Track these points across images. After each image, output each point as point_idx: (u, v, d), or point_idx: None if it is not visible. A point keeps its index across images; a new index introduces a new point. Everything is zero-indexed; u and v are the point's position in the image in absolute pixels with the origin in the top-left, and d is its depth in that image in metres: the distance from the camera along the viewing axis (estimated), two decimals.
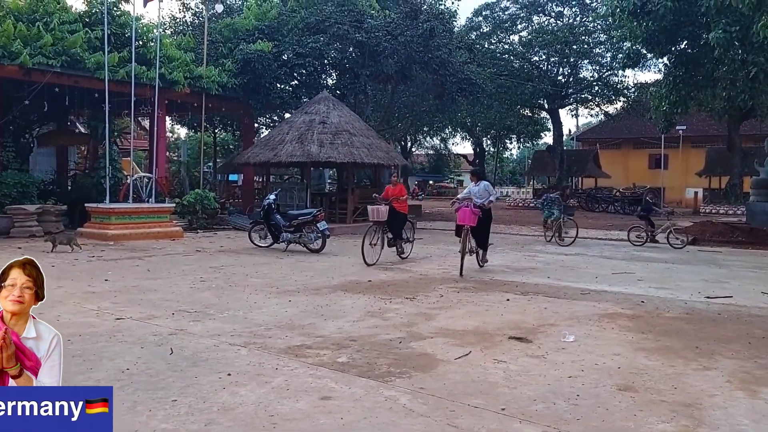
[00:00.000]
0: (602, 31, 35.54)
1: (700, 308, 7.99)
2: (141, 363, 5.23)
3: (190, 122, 30.01)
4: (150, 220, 15.88)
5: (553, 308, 7.78)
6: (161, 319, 6.88)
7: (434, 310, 7.61)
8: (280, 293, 8.55)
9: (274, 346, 5.83)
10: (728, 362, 5.53)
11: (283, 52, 22.54)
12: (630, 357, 5.64)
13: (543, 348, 5.90)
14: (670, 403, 4.46)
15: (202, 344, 5.85)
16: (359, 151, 19.29)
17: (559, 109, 41.63)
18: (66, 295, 8.17)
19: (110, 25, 17.23)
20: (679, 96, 19.20)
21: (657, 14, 16.65)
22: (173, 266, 11.10)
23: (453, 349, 5.79)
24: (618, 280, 10.20)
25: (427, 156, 69.16)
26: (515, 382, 4.90)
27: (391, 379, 4.90)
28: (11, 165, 16.97)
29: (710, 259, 13.60)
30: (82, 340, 5.94)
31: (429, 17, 23.19)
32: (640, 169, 45.13)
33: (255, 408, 4.25)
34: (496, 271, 11.01)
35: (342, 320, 6.95)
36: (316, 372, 5.05)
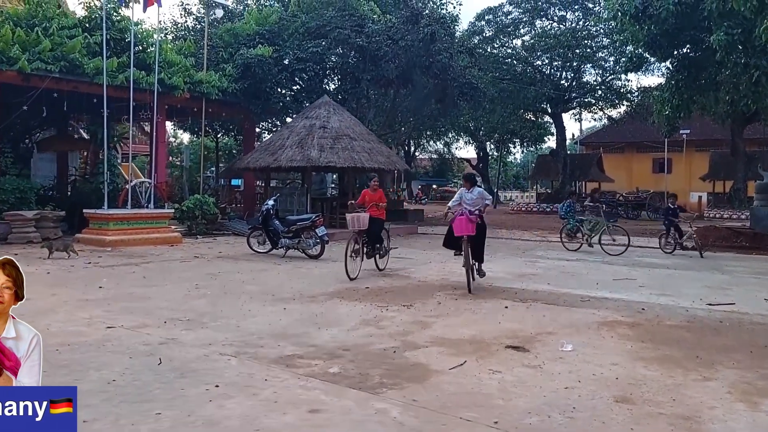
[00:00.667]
0: (605, 35, 35.42)
1: (702, 316, 7.85)
2: (128, 374, 5.12)
3: (191, 127, 29.99)
4: (148, 226, 15.79)
5: (551, 316, 7.65)
6: (153, 327, 6.77)
7: (431, 318, 7.49)
8: (275, 301, 8.44)
9: (265, 356, 5.72)
10: (729, 372, 5.40)
11: (283, 56, 22.48)
12: (629, 367, 5.51)
13: (540, 357, 5.78)
14: (668, 416, 4.34)
15: (192, 354, 5.74)
16: (360, 156, 19.20)
17: (562, 113, 41.57)
18: (58, 302, 8.08)
19: (110, 30, 17.20)
20: (681, 100, 19.10)
21: (659, 18, 16.57)
22: (169, 273, 11.00)
23: (448, 359, 5.67)
24: (619, 287, 10.06)
25: (431, 160, 69.12)
26: (510, 393, 4.78)
27: (383, 391, 4.79)
28: (9, 170, 16.91)
29: (713, 264, 13.45)
30: (71, 350, 5.84)
31: (430, 22, 23.09)
32: (644, 173, 44.97)
33: (241, 422, 4.14)
34: (495, 278, 10.86)
35: (336, 329, 6.83)
36: (306, 383, 4.94)
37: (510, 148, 54.30)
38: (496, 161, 59.20)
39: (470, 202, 9.92)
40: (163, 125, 21.11)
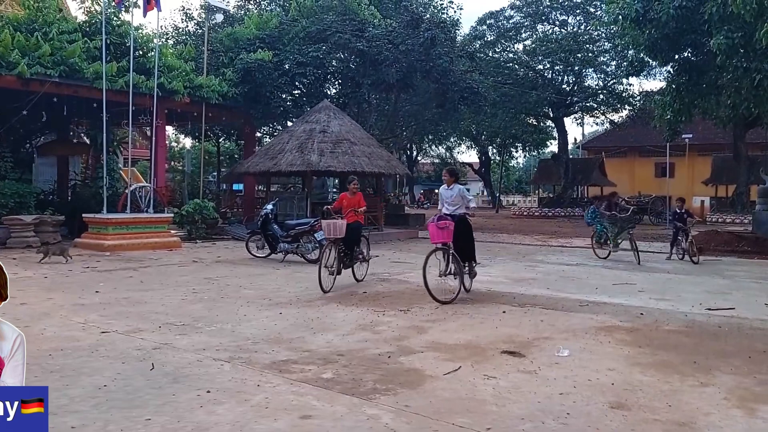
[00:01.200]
0: (606, 39, 35.41)
1: (701, 321, 7.79)
2: (120, 379, 5.08)
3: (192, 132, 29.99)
4: (147, 231, 15.77)
5: (549, 320, 7.60)
6: (147, 332, 6.73)
7: (427, 322, 7.44)
8: (272, 305, 8.40)
9: (258, 361, 5.68)
10: (727, 378, 5.34)
11: (284, 61, 22.46)
12: (625, 372, 5.46)
13: (536, 363, 5.72)
14: (663, 422, 4.28)
15: (185, 359, 5.70)
16: (360, 160, 19.17)
17: (564, 118, 41.52)
18: (54, 307, 8.06)
19: (110, 35, 17.22)
20: (682, 104, 19.02)
21: (659, 22, 16.51)
22: (167, 277, 10.97)
23: (443, 364, 5.62)
24: (618, 291, 10.00)
25: (433, 165, 69.12)
26: (504, 399, 4.73)
27: (375, 397, 4.74)
28: (9, 175, 16.90)
29: (714, 269, 13.37)
30: (64, 354, 5.80)
31: (430, 26, 23.08)
32: (646, 178, 44.80)
33: (230, 428, 4.09)
34: (494, 282, 10.81)
35: (332, 334, 6.79)
36: (299, 389, 4.90)
37: (512, 153, 54.20)
38: (498, 166, 59.17)
39: (449, 201, 9.20)
40: (163, 130, 21.13)
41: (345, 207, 10.45)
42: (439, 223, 8.66)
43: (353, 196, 10.62)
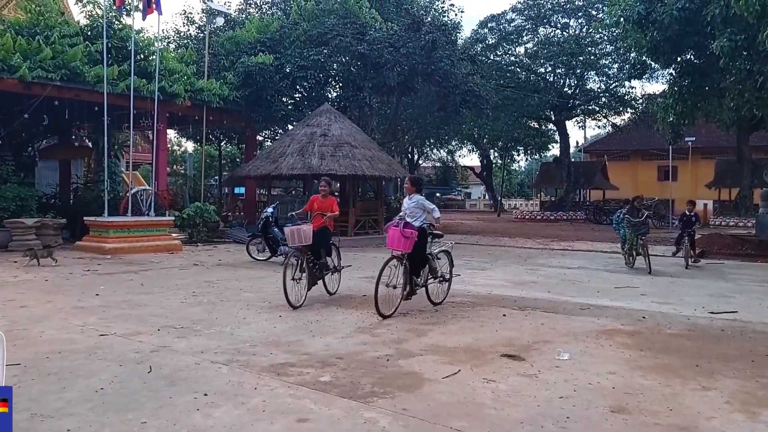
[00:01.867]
0: (608, 41, 35.36)
1: (703, 324, 7.73)
2: (117, 382, 5.05)
3: (193, 135, 30.02)
4: (149, 234, 15.76)
5: (550, 324, 7.55)
6: (146, 335, 6.70)
7: (427, 325, 7.40)
8: (271, 308, 8.36)
9: (256, 364, 5.64)
10: (729, 382, 5.29)
11: (285, 64, 22.46)
12: (626, 376, 5.41)
13: (536, 366, 5.68)
14: (664, 426, 4.24)
15: (183, 362, 5.67)
16: (361, 164, 19.13)
17: (566, 121, 41.45)
18: (54, 310, 8.04)
19: (111, 39, 17.23)
20: (685, 106, 18.92)
21: (662, 24, 16.44)
22: (167, 280, 10.94)
23: (442, 368, 5.58)
24: (620, 295, 9.94)
25: (435, 168, 69.09)
26: (503, 403, 4.69)
27: (373, 400, 4.70)
28: (11, 178, 16.90)
29: (716, 272, 13.31)
30: (61, 357, 5.78)
31: (431, 29, 23.05)
32: (649, 181, 44.70)
33: (226, 431, 4.06)
34: (495, 285, 10.77)
35: (330, 337, 6.75)
36: (296, 392, 4.86)
37: (514, 156, 54.12)
38: (500, 169, 59.13)
39: (409, 212, 8.42)
40: (164, 133, 21.12)
41: (315, 210, 9.35)
42: (405, 231, 7.97)
43: (324, 200, 9.44)
